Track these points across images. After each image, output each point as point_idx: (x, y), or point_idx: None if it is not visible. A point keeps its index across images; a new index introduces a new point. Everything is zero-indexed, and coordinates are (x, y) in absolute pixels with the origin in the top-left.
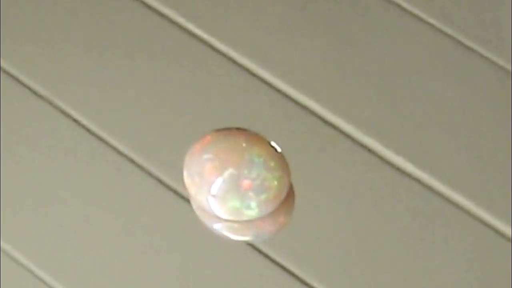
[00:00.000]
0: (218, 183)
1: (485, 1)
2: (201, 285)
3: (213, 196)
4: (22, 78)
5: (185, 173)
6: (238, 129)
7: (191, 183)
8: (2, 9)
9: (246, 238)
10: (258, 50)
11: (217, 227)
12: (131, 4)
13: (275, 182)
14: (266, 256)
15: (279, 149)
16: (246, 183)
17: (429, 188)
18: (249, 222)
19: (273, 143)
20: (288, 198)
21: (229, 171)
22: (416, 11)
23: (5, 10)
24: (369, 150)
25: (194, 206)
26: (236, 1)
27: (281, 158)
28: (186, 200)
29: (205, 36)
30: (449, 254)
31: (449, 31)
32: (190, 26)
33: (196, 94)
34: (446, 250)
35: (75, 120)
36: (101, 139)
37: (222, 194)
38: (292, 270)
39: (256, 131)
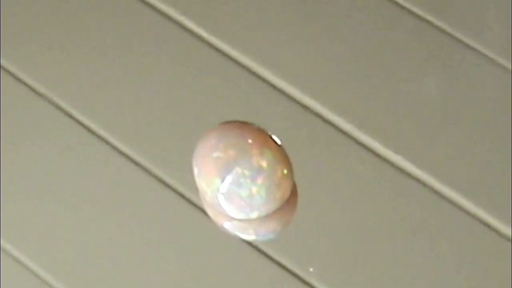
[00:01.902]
0: (228, 182)
1: (485, 1)
2: (201, 285)
3: (223, 194)
4: (22, 76)
5: (195, 171)
6: (243, 122)
7: (201, 181)
8: (2, 9)
9: (252, 237)
10: (259, 49)
11: (227, 226)
12: (131, 3)
13: (274, 183)
14: (267, 255)
15: (279, 142)
16: (249, 182)
17: (428, 188)
18: (254, 221)
19: (274, 137)
20: (292, 196)
21: (236, 170)
22: (416, 9)
23: (5, 9)
24: (368, 149)
25: (204, 205)
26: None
27: (282, 157)
28: (186, 198)
29: (205, 35)
30: (448, 254)
31: (449, 30)
32: (191, 25)
33: (196, 94)
34: (446, 250)
35: (75, 119)
36: (100, 138)
37: (231, 193)
38: (292, 269)
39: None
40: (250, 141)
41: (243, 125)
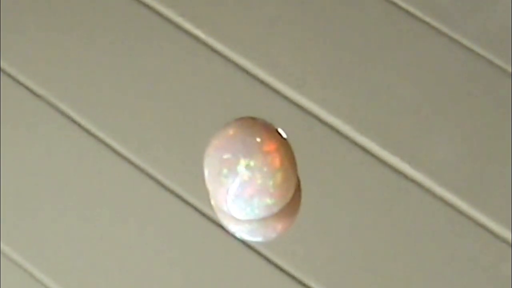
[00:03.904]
0: (235, 183)
1: (485, 1)
2: (200, 286)
3: (230, 195)
4: (20, 77)
5: (206, 173)
6: (252, 119)
7: (211, 183)
8: (2, 9)
9: (257, 239)
10: (257, 50)
11: (235, 229)
12: (131, 4)
13: (276, 183)
14: (266, 258)
15: (285, 136)
16: (255, 183)
17: (426, 189)
18: (258, 221)
19: (281, 132)
20: (295, 195)
21: (243, 172)
22: (414, 10)
23: (5, 10)
24: (366, 151)
25: (213, 205)
26: (234, 1)
27: (288, 158)
28: (185, 201)
29: (203, 36)
30: (446, 256)
31: (448, 31)
32: (189, 26)
33: (194, 94)
34: (444, 251)
35: (73, 121)
36: (99, 139)
37: (237, 194)
38: (290, 272)
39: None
40: (258, 139)
41: (252, 122)
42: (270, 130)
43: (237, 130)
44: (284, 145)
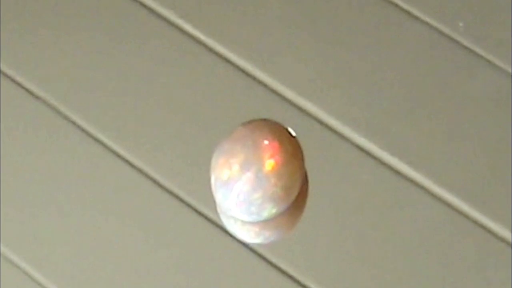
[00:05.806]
0: (239, 185)
1: (485, 1)
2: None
3: (235, 197)
4: (20, 79)
5: (212, 175)
6: (260, 121)
7: (216, 186)
8: (2, 10)
9: (258, 240)
10: (256, 51)
11: (237, 230)
12: (130, 5)
13: (280, 186)
14: (266, 259)
15: (294, 134)
16: (258, 185)
17: (426, 190)
18: (262, 223)
19: (290, 130)
20: (301, 197)
21: (247, 175)
22: (414, 11)
23: (4, 13)
24: (365, 152)
25: (219, 212)
26: (233, 1)
27: (294, 159)
28: (186, 203)
29: (202, 37)
30: (446, 256)
31: (448, 31)
32: (188, 27)
33: (193, 96)
34: (443, 252)
35: (73, 122)
36: (98, 141)
37: (242, 198)
38: (290, 273)
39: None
40: (266, 142)
41: (261, 124)
42: (279, 133)
43: (245, 132)
44: (293, 147)
